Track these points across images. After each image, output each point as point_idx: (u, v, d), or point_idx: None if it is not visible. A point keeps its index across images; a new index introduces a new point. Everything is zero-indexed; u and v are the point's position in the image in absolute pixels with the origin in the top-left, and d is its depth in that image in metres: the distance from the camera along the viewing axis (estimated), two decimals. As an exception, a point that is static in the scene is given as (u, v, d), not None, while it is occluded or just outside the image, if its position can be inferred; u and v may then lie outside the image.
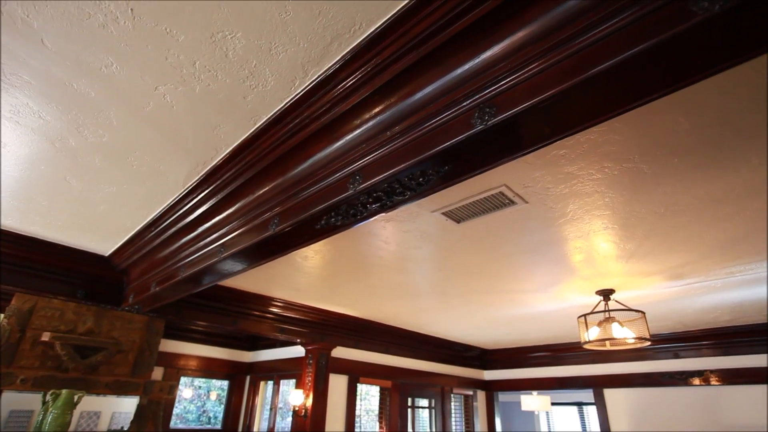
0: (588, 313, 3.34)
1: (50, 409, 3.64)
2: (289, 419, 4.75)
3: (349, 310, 4.33)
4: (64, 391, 3.67)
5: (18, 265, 2.91)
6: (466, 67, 1.18)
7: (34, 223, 2.62)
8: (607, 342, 3.48)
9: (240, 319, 3.80)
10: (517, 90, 1.09)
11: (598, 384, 5.54)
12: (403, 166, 1.28)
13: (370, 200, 1.44)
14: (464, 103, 1.17)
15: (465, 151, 1.20)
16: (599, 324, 3.39)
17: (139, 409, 4.21)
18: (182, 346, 4.87)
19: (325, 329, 4.36)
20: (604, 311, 3.38)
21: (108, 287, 3.32)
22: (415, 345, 5.40)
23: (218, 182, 1.87)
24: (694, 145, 1.66)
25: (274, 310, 3.98)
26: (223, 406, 5.44)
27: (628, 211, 2.17)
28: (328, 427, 4.16)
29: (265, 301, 3.90)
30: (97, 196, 2.20)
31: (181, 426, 5.30)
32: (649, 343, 3.24)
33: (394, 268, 3.09)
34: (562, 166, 1.82)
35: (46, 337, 3.76)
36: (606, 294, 3.42)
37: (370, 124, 1.37)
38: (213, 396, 5.79)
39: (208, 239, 2.10)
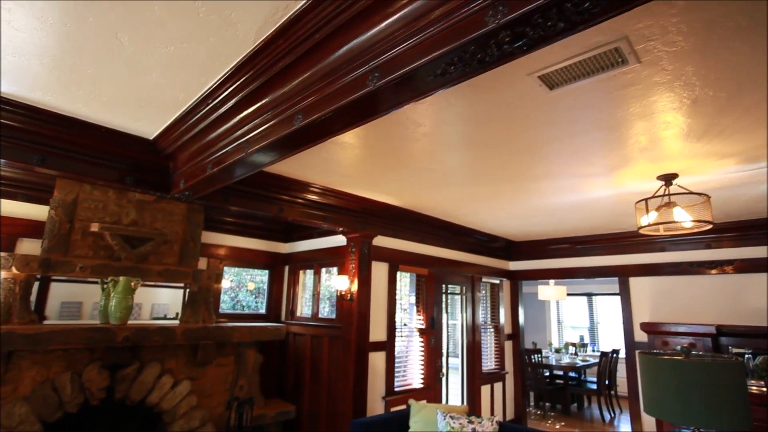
0: (649, 197, 3.25)
1: (112, 295, 3.78)
2: (327, 303, 4.99)
3: (392, 199, 4.27)
4: (121, 278, 3.78)
5: (62, 149, 2.76)
6: None
7: (77, 99, 2.40)
8: (661, 227, 3.44)
9: (286, 207, 3.76)
10: None
11: (624, 273, 5.71)
12: (570, -16, 1.04)
13: (509, 38, 1.21)
14: None
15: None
16: (657, 209, 3.31)
17: (191, 295, 4.38)
18: (222, 238, 4.94)
19: (366, 218, 4.36)
20: (664, 195, 3.29)
21: (154, 174, 3.20)
22: (449, 236, 5.47)
23: (300, 33, 1.61)
24: None
25: (318, 199, 3.92)
26: (254, 297, 5.74)
27: (751, 73, 1.93)
28: (372, 309, 4.36)
29: (310, 188, 3.81)
30: (150, 59, 1.95)
31: (218, 313, 5.59)
32: (710, 226, 3.19)
33: (452, 148, 2.93)
34: (705, 10, 1.54)
35: (95, 227, 3.76)
36: (668, 179, 3.30)
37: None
38: (251, 286, 6.03)
39: (283, 106, 1.90)
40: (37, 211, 3.74)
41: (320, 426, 4.46)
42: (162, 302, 4.86)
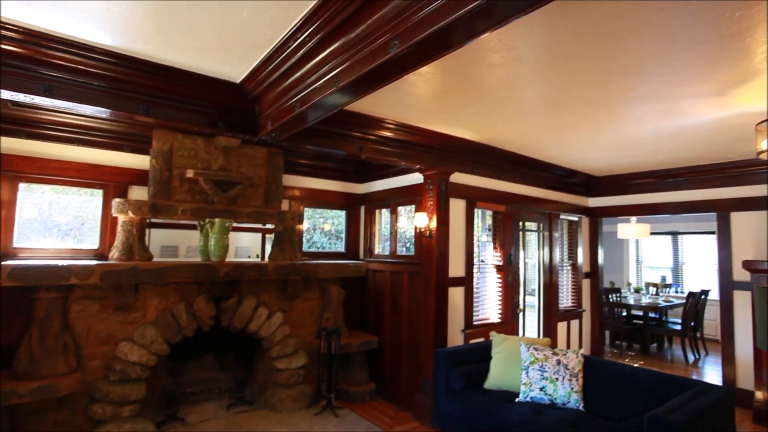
0: (776, 116, 2.86)
1: (210, 235, 4.12)
2: (405, 241, 5.11)
3: (470, 134, 4.15)
4: (217, 220, 4.09)
5: (161, 97, 2.94)
6: None
7: (173, 46, 2.50)
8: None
9: (364, 146, 3.79)
10: None
11: (724, 208, 5.21)
12: None
13: None
14: None
15: None
16: (784, 129, 2.91)
17: (277, 235, 4.68)
18: (299, 180, 5.14)
19: (443, 155, 4.29)
20: (794, 114, 2.87)
21: (242, 117, 3.33)
22: (527, 171, 5.27)
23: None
24: None
25: (396, 136, 3.90)
26: (327, 238, 6.01)
27: None
28: (450, 246, 4.40)
29: (388, 126, 3.79)
30: (242, -5, 1.96)
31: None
32: None
33: (541, 73, 2.73)
34: None
35: (190, 173, 4.05)
36: (801, 92, 2.85)
37: None
38: (327, 227, 6.29)
39: (376, 33, 1.84)
40: (141, 161, 4.09)
41: (402, 355, 4.75)
42: (244, 245, 5.23)
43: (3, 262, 3.10)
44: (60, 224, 3.98)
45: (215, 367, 4.63)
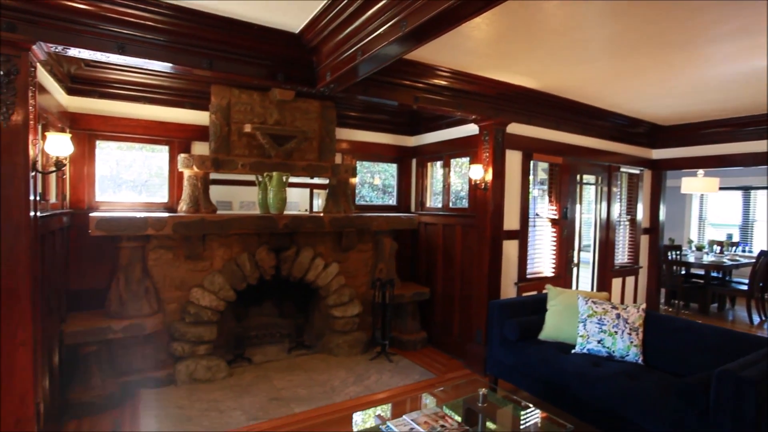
0: None
1: (269, 188, 4.26)
2: (457, 194, 5.06)
3: (530, 81, 3.93)
4: (275, 173, 4.21)
5: (223, 51, 2.96)
6: None
7: (235, -6, 2.50)
8: None
9: (420, 96, 3.70)
10: None
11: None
12: None
13: None
14: None
15: None
16: None
17: (331, 188, 4.76)
18: (350, 134, 5.14)
19: (500, 104, 4.12)
20: None
21: (300, 69, 3.32)
22: (586, 121, 4.98)
23: None
24: None
25: (452, 84, 3.77)
26: (375, 192, 6.03)
27: None
28: (505, 198, 4.32)
29: (443, 74, 3.66)
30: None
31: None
32: None
33: (613, 11, 2.50)
34: None
35: (248, 128, 4.15)
36: None
37: None
38: (376, 181, 6.32)
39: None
40: (201, 117, 4.22)
41: (453, 306, 4.84)
42: (293, 200, 5.35)
43: (90, 214, 3.38)
44: (127, 180, 4.25)
45: (275, 314, 4.93)
